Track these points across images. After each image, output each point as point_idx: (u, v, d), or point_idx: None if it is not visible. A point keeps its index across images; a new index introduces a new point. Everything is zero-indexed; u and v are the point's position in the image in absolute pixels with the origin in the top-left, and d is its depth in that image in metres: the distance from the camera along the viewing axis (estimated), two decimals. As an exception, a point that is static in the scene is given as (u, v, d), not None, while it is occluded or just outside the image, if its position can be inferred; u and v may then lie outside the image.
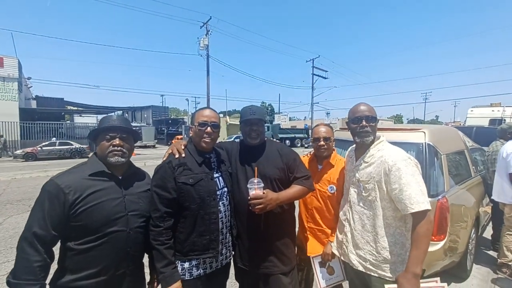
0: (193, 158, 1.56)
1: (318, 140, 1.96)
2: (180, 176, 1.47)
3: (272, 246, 1.69)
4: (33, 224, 1.17)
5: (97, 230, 1.25)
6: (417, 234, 1.37)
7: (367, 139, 1.60)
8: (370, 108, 1.62)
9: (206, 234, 1.51)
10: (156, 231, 1.41)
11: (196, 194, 1.48)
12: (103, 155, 1.35)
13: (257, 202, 1.49)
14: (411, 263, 1.35)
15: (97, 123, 10.49)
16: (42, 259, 1.16)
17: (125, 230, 1.32)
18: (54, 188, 1.21)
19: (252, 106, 1.73)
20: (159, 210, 1.42)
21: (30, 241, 1.15)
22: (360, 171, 1.62)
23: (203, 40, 24.16)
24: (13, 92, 20.94)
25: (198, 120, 1.58)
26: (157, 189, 1.45)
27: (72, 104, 33.87)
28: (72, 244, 1.24)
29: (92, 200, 1.25)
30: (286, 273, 1.71)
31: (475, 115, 13.34)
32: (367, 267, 1.57)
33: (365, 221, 1.59)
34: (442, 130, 3.50)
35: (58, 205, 1.19)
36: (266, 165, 1.68)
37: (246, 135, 1.74)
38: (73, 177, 1.27)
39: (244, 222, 1.69)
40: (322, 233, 1.93)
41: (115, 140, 1.35)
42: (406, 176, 1.41)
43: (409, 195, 1.39)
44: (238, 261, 1.73)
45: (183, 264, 1.49)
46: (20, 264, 1.14)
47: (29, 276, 1.12)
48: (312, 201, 1.96)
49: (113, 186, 1.35)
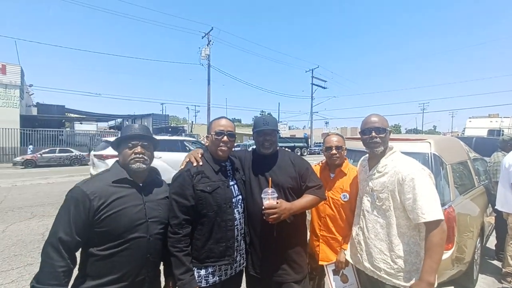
0: (210, 166, 1.60)
1: (330, 149, 2.01)
2: (199, 184, 1.50)
3: (284, 254, 1.71)
4: (59, 230, 1.19)
5: (120, 236, 1.28)
6: (430, 243, 1.39)
7: (377, 149, 1.65)
8: (381, 119, 1.67)
9: (223, 241, 1.53)
10: (175, 238, 1.43)
11: (214, 202, 1.52)
12: (125, 162, 1.39)
13: (271, 212, 1.51)
14: (425, 272, 1.38)
15: (97, 130, 10.66)
16: (66, 264, 1.18)
17: (146, 237, 1.35)
18: (80, 194, 1.24)
19: (265, 116, 1.78)
20: (178, 217, 1.45)
21: (55, 246, 1.17)
22: (374, 181, 1.66)
23: (205, 50, 24.55)
24: (14, 99, 21.06)
25: (214, 129, 1.62)
26: (176, 196, 1.48)
27: (73, 111, 33.91)
28: (94, 250, 1.26)
29: (115, 206, 1.28)
30: (298, 281, 1.72)
31: (473, 125, 13.53)
32: (381, 276, 1.59)
33: (379, 230, 1.62)
34: (446, 140, 3.56)
35: (83, 211, 1.22)
36: (279, 174, 1.72)
37: (259, 145, 1.78)
38: (98, 184, 1.31)
39: (257, 230, 1.71)
40: (335, 241, 1.94)
41: (137, 148, 1.39)
42: (420, 187, 1.45)
43: (421, 205, 1.42)
44: (251, 269, 1.74)
45: (200, 271, 1.51)
46: (45, 270, 1.15)
47: (53, 281, 1.14)
48: (325, 209, 1.99)
49: (135, 193, 1.38)
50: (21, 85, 21.97)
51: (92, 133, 25.06)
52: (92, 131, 25.48)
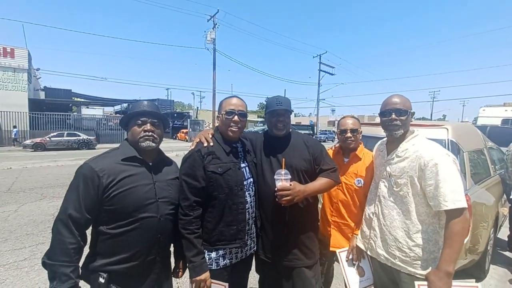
0: (220, 147, 1.53)
1: (345, 132, 1.92)
2: (209, 165, 1.45)
3: (296, 239, 1.67)
4: (68, 207, 1.16)
5: (129, 215, 1.24)
6: (451, 232, 1.33)
7: (396, 132, 1.56)
8: (404, 100, 1.56)
9: (234, 224, 1.49)
10: (186, 220, 1.40)
11: (225, 184, 1.46)
12: (135, 140, 1.34)
13: (285, 194, 1.46)
14: (443, 261, 1.32)
15: (104, 115, 10.43)
16: (76, 241, 1.15)
17: (156, 217, 1.31)
18: (89, 171, 1.20)
19: (278, 97, 1.69)
20: (189, 199, 1.40)
21: (65, 223, 1.15)
22: (392, 165, 1.58)
23: (210, 33, 24.04)
24: (23, 83, 21.16)
25: (225, 108, 1.55)
26: (186, 177, 1.43)
27: (80, 95, 34.10)
28: (104, 228, 1.23)
29: (125, 184, 1.24)
30: (309, 266, 1.68)
31: (487, 114, 13.09)
32: (395, 263, 1.54)
33: (395, 217, 1.55)
34: (464, 127, 3.43)
35: (93, 188, 1.19)
36: (292, 157, 1.65)
37: (272, 126, 1.70)
38: (107, 161, 1.26)
39: (269, 214, 1.66)
40: (348, 227, 1.89)
41: (146, 125, 1.34)
42: (443, 172, 1.37)
43: (444, 192, 1.34)
44: (261, 253, 1.71)
45: (210, 253, 1.48)
46: (56, 246, 1.13)
47: (64, 258, 1.12)
48: (337, 194, 1.92)
49: (144, 172, 1.34)
50: (29, 69, 21.99)
51: (98, 118, 25.23)
52: (98, 115, 25.63)
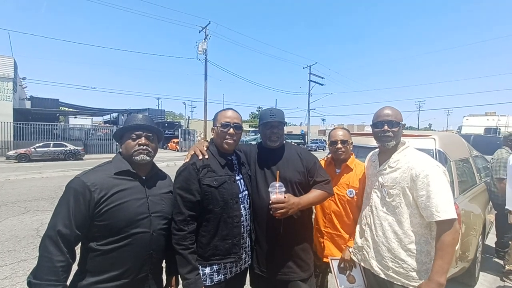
0: (216, 159, 1.53)
1: (335, 143, 1.94)
2: (205, 178, 1.43)
3: (291, 252, 1.65)
4: (58, 223, 1.12)
5: (121, 230, 1.21)
6: (442, 243, 1.35)
7: (388, 144, 1.59)
8: (395, 112, 1.61)
9: (229, 238, 1.47)
10: (180, 235, 1.37)
11: (220, 197, 1.45)
12: (129, 153, 1.32)
13: (279, 207, 1.45)
14: (435, 272, 1.33)
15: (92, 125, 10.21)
16: (65, 259, 1.11)
17: (149, 232, 1.28)
18: (80, 186, 1.17)
19: (272, 109, 1.71)
20: (183, 213, 1.38)
21: (54, 240, 1.10)
22: (385, 176, 1.60)
23: (202, 44, 24.22)
24: (7, 92, 20.61)
25: (220, 121, 1.55)
26: (181, 191, 1.41)
27: (67, 105, 33.39)
28: (94, 244, 1.19)
29: (117, 199, 1.21)
30: (305, 279, 1.67)
31: (470, 123, 13.59)
32: (389, 275, 1.55)
33: (387, 227, 1.57)
34: (450, 137, 3.54)
35: (84, 203, 1.15)
36: (286, 169, 1.66)
37: (266, 138, 1.71)
38: (99, 175, 1.23)
39: (263, 227, 1.65)
40: (340, 238, 1.89)
41: (141, 139, 1.32)
42: (435, 184, 1.40)
43: (436, 203, 1.37)
44: (256, 267, 1.69)
45: (204, 269, 1.45)
46: (43, 264, 1.08)
47: (51, 277, 1.07)
48: (330, 205, 1.93)
49: (137, 186, 1.31)
50: (14, 78, 21.48)
51: (87, 128, 24.73)
52: (87, 126, 25.13)
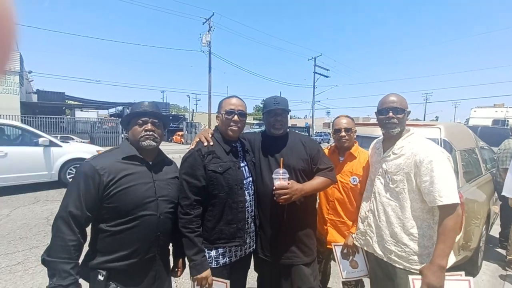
0: (220, 146, 1.55)
1: (339, 131, 1.96)
2: (210, 164, 1.47)
3: (294, 237, 1.69)
4: (69, 204, 1.17)
5: (129, 212, 1.26)
6: (444, 227, 1.37)
7: (393, 130, 1.60)
8: (400, 99, 1.61)
9: (234, 222, 1.51)
10: (186, 219, 1.41)
11: (225, 182, 1.48)
12: (135, 139, 1.35)
13: (282, 192, 1.48)
14: (437, 255, 1.36)
15: (98, 118, 10.27)
16: (76, 238, 1.16)
17: (156, 215, 1.33)
18: (90, 169, 1.22)
19: (276, 97, 1.72)
20: (189, 198, 1.42)
21: (66, 220, 1.16)
22: (388, 162, 1.62)
23: (206, 36, 24.04)
24: (14, 86, 20.83)
25: (225, 108, 1.57)
26: (186, 177, 1.44)
27: (73, 98, 33.63)
28: (104, 225, 1.25)
29: (125, 182, 1.26)
30: (307, 264, 1.71)
31: (478, 115, 13.39)
32: (391, 259, 1.58)
33: (390, 213, 1.59)
34: (456, 127, 3.52)
35: (93, 186, 1.20)
36: (290, 156, 1.68)
37: (270, 126, 1.73)
38: (108, 160, 1.28)
39: (267, 213, 1.68)
40: (344, 224, 1.92)
41: (147, 125, 1.35)
42: (438, 169, 1.41)
43: (439, 188, 1.39)
44: (259, 252, 1.73)
45: (210, 252, 1.50)
46: (56, 243, 1.14)
47: (64, 255, 1.13)
48: (333, 192, 1.96)
49: (144, 171, 1.35)
50: (21, 72, 21.69)
51: (93, 121, 24.98)
52: (92, 119, 25.35)
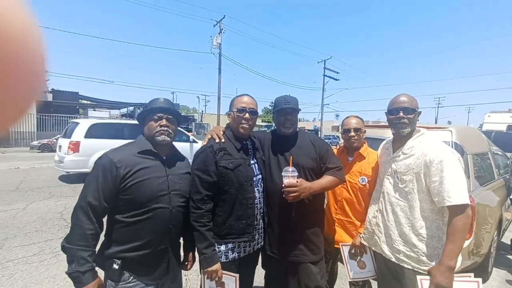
0: (231, 143, 1.60)
1: (348, 131, 1.97)
2: (221, 160, 1.51)
3: (302, 235, 1.71)
4: (88, 195, 1.24)
5: (144, 204, 1.31)
6: (454, 228, 1.37)
7: (403, 130, 1.60)
8: (411, 99, 1.62)
9: (243, 218, 1.55)
10: (198, 213, 1.46)
11: (235, 179, 1.53)
12: (151, 134, 1.41)
13: (291, 190, 1.51)
14: (446, 256, 1.36)
15: (110, 117, 10.59)
16: (94, 227, 1.23)
17: (168, 208, 1.38)
18: (108, 162, 1.28)
19: (286, 96, 1.76)
20: (201, 192, 1.47)
21: (85, 210, 1.22)
22: (398, 163, 1.63)
23: (216, 38, 24.28)
24: (31, 85, 21.51)
25: (236, 106, 1.61)
26: (199, 172, 1.49)
27: (87, 98, 34.37)
28: (120, 216, 1.31)
29: (140, 175, 1.32)
30: (315, 262, 1.73)
31: (492, 120, 13.02)
32: (400, 259, 1.58)
33: (399, 213, 1.59)
34: (468, 130, 3.46)
35: (111, 178, 1.26)
36: (299, 155, 1.71)
37: (280, 125, 1.76)
38: (124, 154, 1.34)
39: (276, 210, 1.71)
40: (352, 224, 1.93)
41: (162, 120, 1.41)
42: (448, 170, 1.41)
43: (448, 188, 1.39)
44: (267, 249, 1.76)
45: (219, 247, 1.54)
46: (75, 231, 1.21)
47: (82, 242, 1.20)
48: (342, 192, 1.97)
49: (159, 165, 1.41)
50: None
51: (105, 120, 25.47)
52: (105, 118, 25.89)
